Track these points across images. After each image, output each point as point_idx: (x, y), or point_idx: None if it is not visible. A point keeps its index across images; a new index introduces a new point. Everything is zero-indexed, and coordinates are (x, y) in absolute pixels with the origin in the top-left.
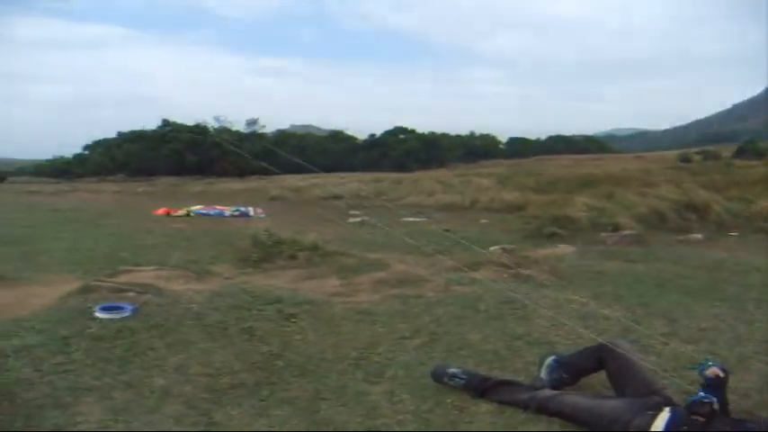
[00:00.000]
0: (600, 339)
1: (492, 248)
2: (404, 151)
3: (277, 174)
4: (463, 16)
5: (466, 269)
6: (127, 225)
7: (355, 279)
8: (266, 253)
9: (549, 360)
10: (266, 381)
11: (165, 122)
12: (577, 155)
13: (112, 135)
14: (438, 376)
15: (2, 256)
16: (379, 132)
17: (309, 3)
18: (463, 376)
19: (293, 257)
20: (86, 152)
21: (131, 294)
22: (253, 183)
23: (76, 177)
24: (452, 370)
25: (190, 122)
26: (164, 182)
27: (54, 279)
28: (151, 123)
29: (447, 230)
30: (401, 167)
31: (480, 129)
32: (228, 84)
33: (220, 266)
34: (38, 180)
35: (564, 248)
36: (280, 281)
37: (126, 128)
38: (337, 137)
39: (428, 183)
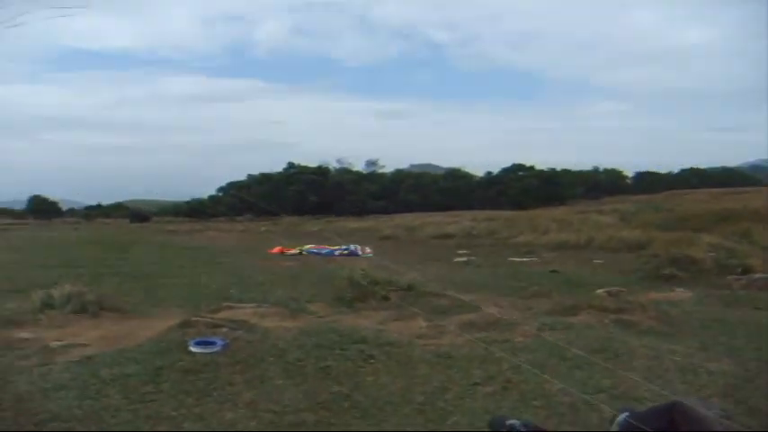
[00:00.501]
0: (674, 397)
1: (598, 291)
2: (522, 188)
3: (392, 213)
4: (581, 49)
5: (563, 313)
6: (242, 263)
7: (443, 321)
8: (361, 293)
9: (621, 417)
10: (327, 421)
11: (290, 165)
12: (715, 188)
13: (243, 178)
14: (495, 427)
15: (127, 290)
16: (496, 170)
17: (427, 48)
18: (522, 429)
19: (386, 298)
20: (220, 194)
21: (225, 330)
22: (369, 222)
23: (210, 217)
24: (512, 422)
25: (313, 164)
26: (286, 221)
27: (165, 313)
28: (278, 166)
29: (554, 271)
30: (519, 205)
31: (605, 163)
32: (352, 127)
33: (317, 305)
34: (177, 220)
35: (680, 293)
36: (369, 321)
37: (256, 171)
38: (455, 175)
39: (543, 221)
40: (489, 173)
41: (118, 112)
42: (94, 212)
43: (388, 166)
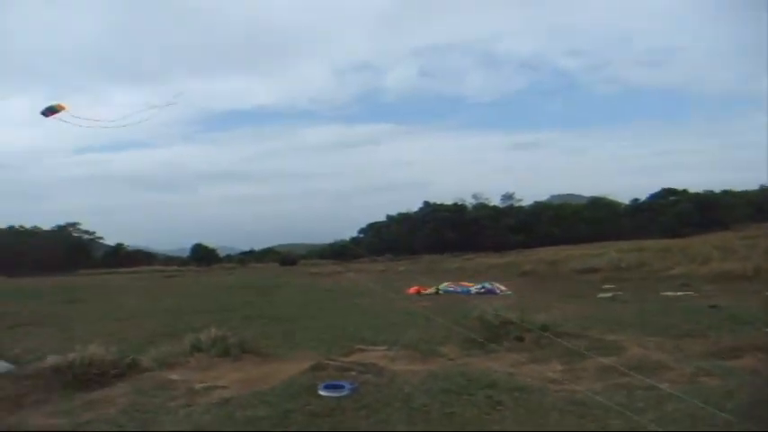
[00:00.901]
0: None
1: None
2: (674, 215)
3: (533, 247)
4: (726, 59)
5: (722, 356)
6: (379, 304)
7: (580, 364)
8: (493, 333)
9: None
10: None
11: (426, 204)
12: None
13: (382, 218)
14: None
15: (268, 333)
16: (643, 196)
17: (555, 76)
18: None
19: (520, 339)
20: (361, 235)
21: (354, 373)
22: (510, 257)
23: (352, 258)
24: None
25: (448, 202)
26: (425, 259)
27: (300, 355)
28: (414, 205)
29: (713, 306)
30: (672, 233)
31: None
32: (485, 162)
33: (448, 346)
34: (321, 262)
35: None
36: (500, 363)
37: (393, 211)
38: (598, 204)
39: (702, 249)
40: (636, 200)
41: (264, 164)
42: (248, 258)
43: (526, 198)
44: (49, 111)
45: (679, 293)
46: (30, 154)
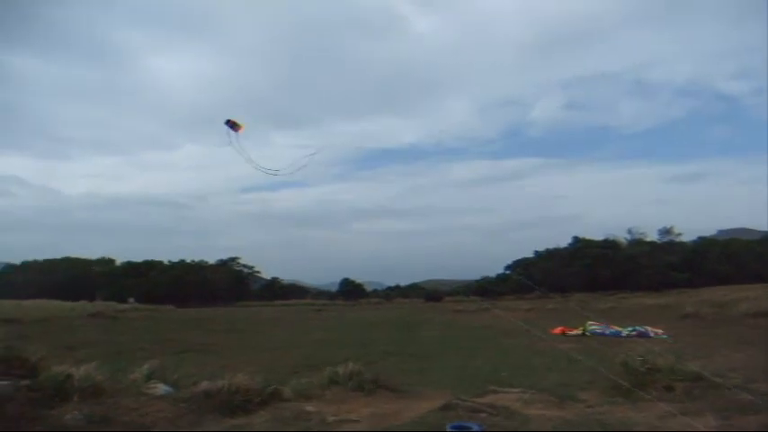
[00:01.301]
0: None
1: None
2: None
3: (697, 286)
4: None
5: None
6: (521, 344)
7: (740, 419)
8: (639, 381)
9: None
10: None
11: (576, 239)
12: None
13: (530, 255)
14: None
15: (405, 369)
16: None
17: (718, 102)
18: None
19: (670, 388)
20: (508, 272)
21: (484, 415)
22: (670, 297)
23: (499, 296)
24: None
25: (599, 237)
26: (576, 298)
27: (433, 393)
28: (563, 241)
29: None
30: None
31: None
32: (639, 195)
33: (589, 392)
34: (466, 299)
35: None
36: (644, 415)
37: (542, 247)
38: None
39: None
40: None
41: (411, 201)
42: (394, 293)
43: (688, 234)
44: (233, 125)
45: None
46: (201, 194)
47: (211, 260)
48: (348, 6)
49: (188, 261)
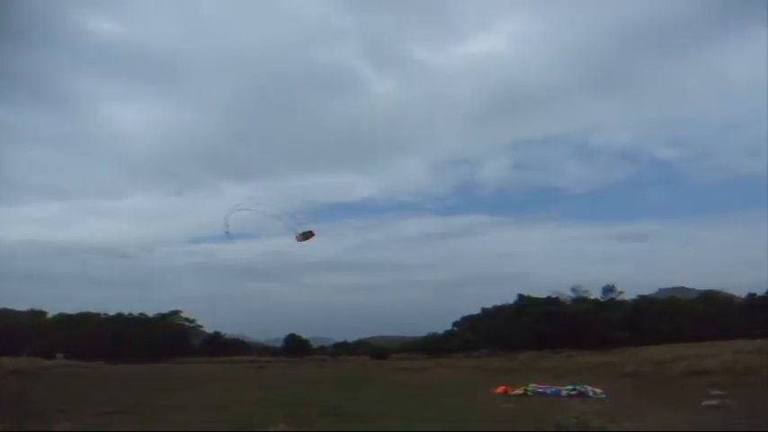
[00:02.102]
0: None
1: None
2: None
3: (639, 344)
4: None
5: None
6: (461, 404)
7: None
8: None
9: None
10: None
11: (521, 296)
12: None
13: (477, 311)
14: None
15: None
16: (761, 290)
17: (655, 167)
18: None
19: None
20: (455, 328)
21: None
22: (613, 356)
23: (446, 353)
24: None
25: (545, 295)
26: (523, 356)
27: None
28: (510, 298)
29: None
30: None
31: None
32: (583, 254)
33: None
34: (412, 356)
35: None
36: None
37: (489, 304)
38: (711, 299)
39: None
40: (752, 294)
41: (363, 255)
42: (340, 350)
43: (630, 292)
44: (302, 236)
45: None
46: (147, 244)
47: (152, 313)
48: (310, 64)
49: (126, 314)
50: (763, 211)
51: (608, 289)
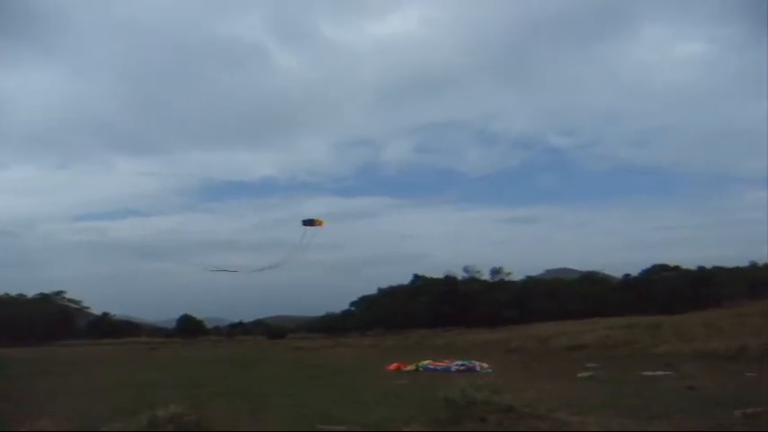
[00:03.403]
0: None
1: (736, 412)
2: (667, 290)
3: (526, 322)
4: (712, 142)
5: None
6: (355, 381)
7: None
8: (457, 414)
9: None
10: None
11: (416, 277)
12: None
13: (374, 291)
14: None
15: (232, 411)
16: (636, 272)
17: (548, 154)
18: None
19: (483, 420)
20: (352, 308)
21: None
22: (501, 333)
23: (343, 332)
24: None
25: (440, 276)
26: (414, 335)
27: None
28: (407, 280)
29: (690, 388)
30: (665, 309)
31: (765, 258)
32: (478, 236)
33: (412, 426)
34: (310, 335)
35: None
36: None
37: (387, 284)
38: (591, 279)
39: (691, 327)
40: (628, 275)
41: (261, 234)
42: (236, 330)
43: (520, 272)
44: (309, 222)
45: (659, 373)
46: (28, 221)
47: (33, 294)
48: (208, 34)
49: (2, 294)
50: (642, 199)
51: (495, 271)
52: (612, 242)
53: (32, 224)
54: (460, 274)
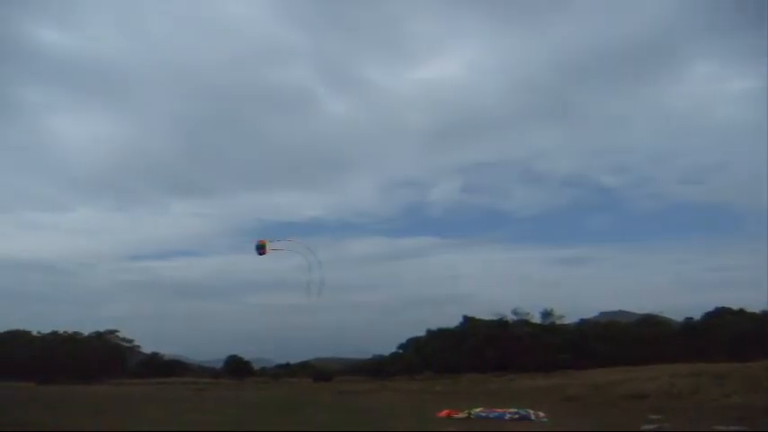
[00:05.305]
0: None
1: None
2: (733, 336)
3: (581, 368)
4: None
5: None
6: (404, 428)
7: None
8: None
9: None
10: None
11: (466, 318)
12: None
13: (422, 333)
14: None
15: None
16: (698, 314)
17: (598, 193)
18: None
19: None
20: (400, 351)
21: None
22: (554, 379)
23: (390, 375)
24: None
25: (488, 317)
26: (466, 379)
27: None
28: (455, 320)
29: None
30: (732, 356)
31: None
32: (527, 277)
33: None
34: (356, 378)
35: None
36: None
37: (434, 326)
38: (650, 322)
39: (761, 376)
40: (689, 318)
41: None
42: (282, 372)
43: (571, 315)
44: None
45: (733, 429)
46: (86, 260)
47: (88, 332)
48: (261, 81)
49: (60, 332)
50: (700, 238)
51: (547, 313)
52: (668, 283)
53: (90, 263)
54: (510, 317)
